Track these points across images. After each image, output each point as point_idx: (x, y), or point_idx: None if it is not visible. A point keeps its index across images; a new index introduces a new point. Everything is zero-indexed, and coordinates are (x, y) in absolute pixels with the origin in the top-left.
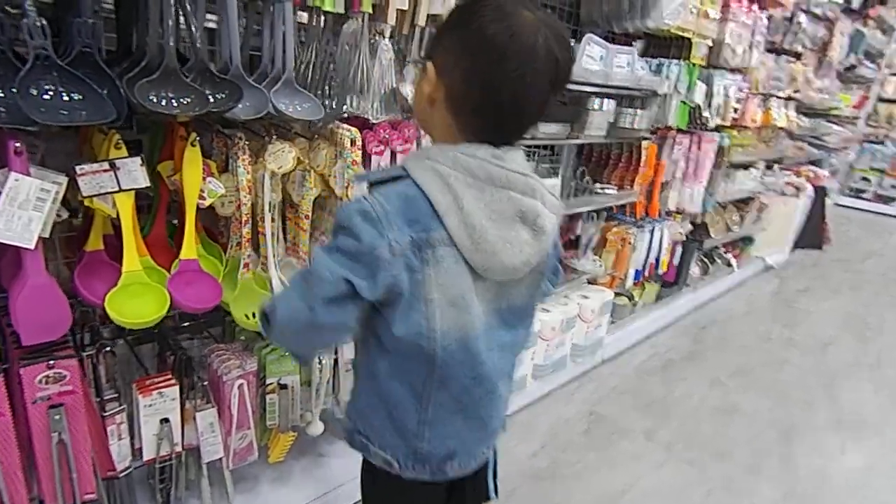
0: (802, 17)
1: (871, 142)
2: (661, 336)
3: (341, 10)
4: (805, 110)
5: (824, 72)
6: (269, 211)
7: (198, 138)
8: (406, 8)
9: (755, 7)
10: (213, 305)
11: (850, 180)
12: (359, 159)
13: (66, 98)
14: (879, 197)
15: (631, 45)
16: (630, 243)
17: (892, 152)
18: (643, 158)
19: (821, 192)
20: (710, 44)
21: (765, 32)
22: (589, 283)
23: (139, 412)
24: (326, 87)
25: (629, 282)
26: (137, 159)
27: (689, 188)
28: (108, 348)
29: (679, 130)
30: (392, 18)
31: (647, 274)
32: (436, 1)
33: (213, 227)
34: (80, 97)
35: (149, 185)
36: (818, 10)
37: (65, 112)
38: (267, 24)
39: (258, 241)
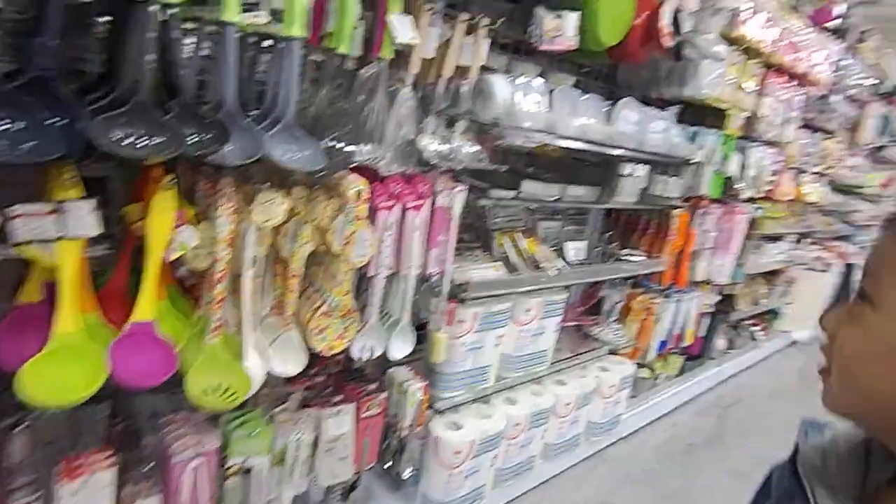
0: (836, 97)
1: None
2: (683, 414)
3: (358, 53)
4: (836, 186)
5: (854, 151)
6: (251, 267)
7: (175, 181)
8: (432, 57)
9: (792, 84)
10: (161, 381)
11: None
12: (364, 214)
13: (5, 127)
14: None
15: (665, 108)
16: (655, 313)
17: None
18: (673, 227)
19: (849, 269)
20: (748, 115)
21: (800, 109)
22: (610, 353)
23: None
24: (336, 134)
25: (652, 354)
26: (91, 203)
27: (720, 259)
28: (25, 423)
29: (711, 200)
30: (416, 67)
31: (671, 346)
32: (465, 51)
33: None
34: (25, 127)
35: (100, 233)
36: (851, 92)
37: (4, 143)
38: (274, 60)
39: (237, 299)
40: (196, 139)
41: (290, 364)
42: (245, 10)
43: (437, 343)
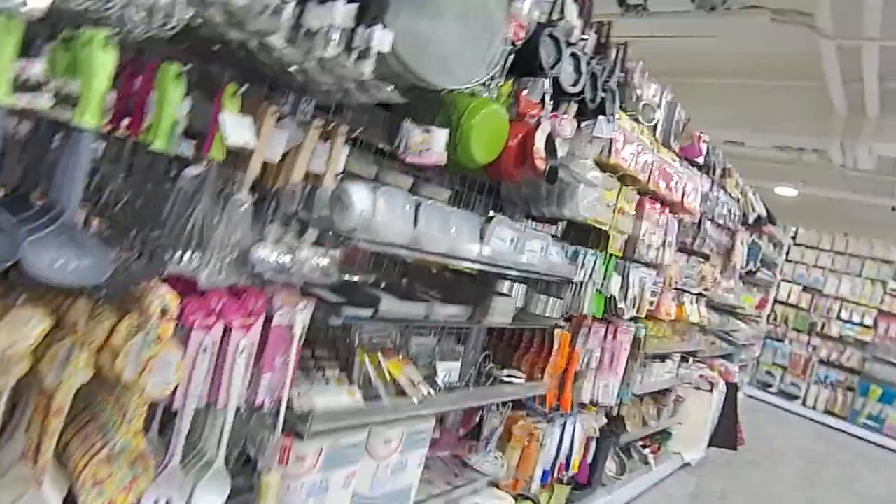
0: (708, 225)
1: (773, 338)
2: None
3: (173, 152)
4: (715, 307)
5: (729, 274)
6: None
7: None
8: (277, 161)
9: (667, 211)
10: None
11: (757, 373)
12: (168, 334)
13: None
14: (783, 393)
15: (555, 223)
16: (538, 440)
17: (789, 350)
18: (556, 346)
19: (732, 389)
20: (626, 238)
21: (676, 234)
22: (490, 485)
23: None
24: (143, 238)
25: (535, 485)
26: None
27: (605, 379)
28: None
29: (595, 319)
30: (255, 170)
31: (556, 475)
32: (318, 157)
33: None
34: None
35: None
36: (720, 220)
37: None
38: (61, 147)
39: None
40: None
41: None
42: (24, 88)
43: (265, 487)
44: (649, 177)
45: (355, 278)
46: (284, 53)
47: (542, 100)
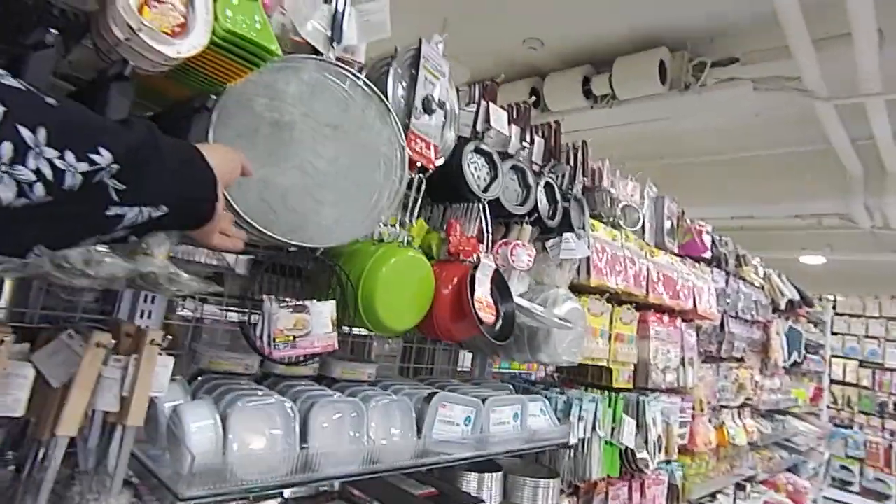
0: (732, 324)
1: (839, 425)
2: None
3: None
4: (763, 414)
5: (771, 371)
6: None
7: None
8: (21, 412)
9: (678, 321)
10: None
11: (830, 470)
12: None
13: None
14: (868, 491)
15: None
16: None
17: (863, 438)
18: None
19: None
20: (634, 365)
21: (695, 345)
22: None
23: None
24: None
25: None
26: None
27: None
28: None
29: (611, 478)
30: None
31: None
32: (106, 392)
33: None
34: None
35: None
36: (747, 316)
37: None
38: None
39: None
40: None
41: None
42: None
43: None
44: (647, 289)
45: None
46: None
47: (481, 229)
